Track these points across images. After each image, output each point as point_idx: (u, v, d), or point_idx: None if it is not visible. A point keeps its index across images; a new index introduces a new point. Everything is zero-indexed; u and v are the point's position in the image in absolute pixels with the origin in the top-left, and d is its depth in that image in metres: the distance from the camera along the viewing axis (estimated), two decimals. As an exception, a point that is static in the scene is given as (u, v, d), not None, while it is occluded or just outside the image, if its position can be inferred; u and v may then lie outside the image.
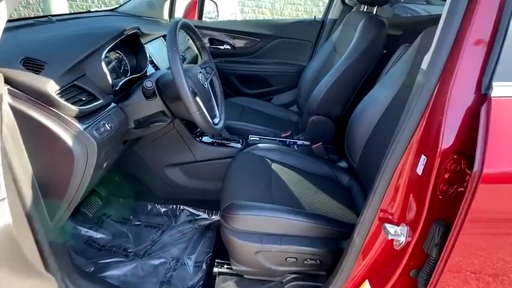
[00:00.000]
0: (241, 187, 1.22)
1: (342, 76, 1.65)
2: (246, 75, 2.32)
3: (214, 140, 1.60)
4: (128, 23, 1.45)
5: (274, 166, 1.42)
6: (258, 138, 1.66)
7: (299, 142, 1.75)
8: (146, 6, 2.04)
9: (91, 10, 1.87)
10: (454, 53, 0.71)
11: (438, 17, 0.78)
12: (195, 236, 1.54)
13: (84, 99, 0.94)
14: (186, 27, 1.16)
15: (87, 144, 0.89)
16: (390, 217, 0.88)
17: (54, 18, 1.37)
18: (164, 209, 1.66)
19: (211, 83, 1.30)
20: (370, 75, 1.71)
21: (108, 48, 1.03)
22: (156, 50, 1.50)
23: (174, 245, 1.48)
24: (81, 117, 0.91)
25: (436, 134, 0.74)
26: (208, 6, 2.67)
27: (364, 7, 2.04)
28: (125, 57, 1.28)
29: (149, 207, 1.67)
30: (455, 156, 0.72)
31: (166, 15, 2.14)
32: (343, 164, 1.60)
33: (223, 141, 1.62)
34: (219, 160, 1.60)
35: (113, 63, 1.17)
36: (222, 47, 2.29)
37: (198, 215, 1.65)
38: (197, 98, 1.09)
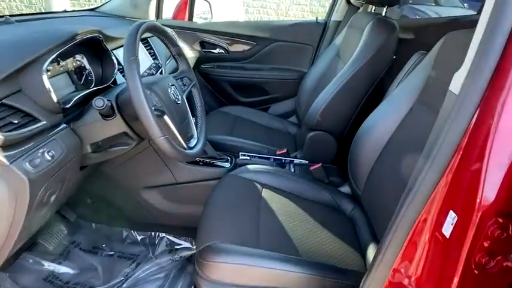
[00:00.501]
0: (223, 223, 1.02)
1: (346, 86, 1.44)
2: (240, 82, 2.11)
3: (198, 159, 1.40)
4: (102, 25, 1.26)
5: (265, 193, 1.21)
6: (248, 158, 1.46)
7: (296, 161, 1.54)
8: (130, 5, 1.85)
9: (67, 10, 1.68)
10: (502, 75, 0.50)
11: (458, 19, 0.57)
12: (174, 270, 1.34)
13: (16, 122, 0.75)
14: (155, 30, 0.96)
15: (14, 182, 0.70)
16: (406, 283, 0.67)
17: (13, 19, 1.19)
18: (141, 237, 1.46)
19: (189, 96, 1.10)
20: (378, 85, 1.50)
21: (53, 57, 0.83)
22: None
23: (150, 282, 1.28)
24: (8, 147, 0.72)
25: (472, 185, 0.53)
26: (203, 6, 2.48)
27: (372, 8, 1.83)
28: (88, 66, 1.08)
29: (124, 234, 1.47)
30: (500, 220, 0.51)
31: (152, 16, 1.94)
32: (346, 188, 1.39)
33: (209, 160, 1.42)
34: (204, 182, 1.40)
35: (65, 74, 0.97)
36: (214, 51, 2.09)
37: (179, 244, 1.45)
38: (165, 118, 0.89)
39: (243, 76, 2.10)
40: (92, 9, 1.83)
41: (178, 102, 0.98)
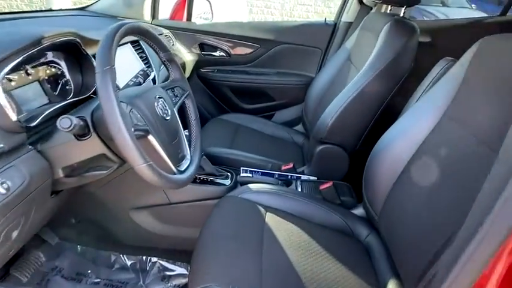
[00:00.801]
0: (221, 261, 0.87)
1: (360, 96, 1.29)
2: (242, 87, 1.96)
3: (195, 176, 1.25)
4: (88, 25, 1.12)
5: (269, 218, 1.06)
6: (250, 174, 1.31)
7: (303, 177, 1.39)
8: (122, 4, 1.71)
9: (53, 8, 1.54)
10: None
11: (481, 21, 0.41)
12: (166, 302, 1.19)
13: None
14: (139, 33, 0.81)
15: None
16: None
17: None
18: (131, 261, 1.32)
19: (181, 110, 0.95)
20: (395, 95, 1.34)
21: (12, 65, 0.68)
22: (118, 61, 1.15)
23: (138, 316, 1.14)
24: None
25: None
26: (203, 5, 2.33)
27: (386, 8, 1.68)
28: (67, 74, 0.94)
29: (113, 258, 1.32)
30: None
31: (147, 16, 1.80)
32: (359, 210, 1.24)
33: (207, 177, 1.27)
34: (201, 202, 1.25)
35: (35, 83, 0.82)
36: (215, 54, 1.94)
37: (173, 270, 1.30)
38: (150, 138, 0.75)
39: (245, 81, 1.95)
40: (81, 8, 1.69)
41: (167, 118, 0.83)
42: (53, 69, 0.91)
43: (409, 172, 0.97)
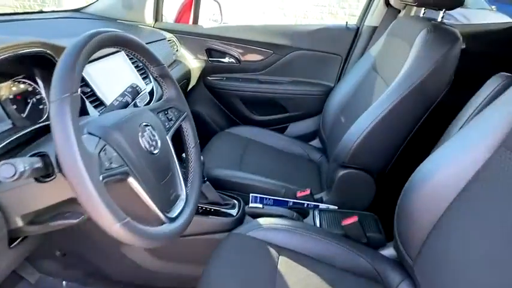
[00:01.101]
0: None
1: (390, 115, 1.10)
2: (254, 97, 1.78)
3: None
4: (80, 29, 0.96)
5: (282, 262, 0.89)
6: (260, 205, 1.13)
7: (322, 206, 1.20)
8: (122, 5, 1.55)
9: (44, 10, 1.39)
10: None
11: None
12: None
13: None
14: (118, 44, 0.63)
15: None
16: None
17: None
18: (123, 301, 1.15)
19: (176, 136, 0.77)
20: (432, 113, 1.15)
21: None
22: (107, 73, 0.98)
23: None
24: None
25: None
26: (212, 7, 2.16)
27: (417, 11, 1.48)
28: (42, 90, 0.78)
29: (102, 296, 1.16)
30: None
31: (149, 19, 1.63)
32: (389, 250, 1.05)
33: (210, 207, 1.09)
34: (203, 236, 1.08)
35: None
36: (223, 60, 1.76)
37: (171, 313, 1.13)
38: (130, 181, 0.57)
39: (256, 90, 1.77)
40: (76, 10, 1.53)
41: (155, 151, 0.66)
42: (22, 86, 0.74)
43: (458, 211, 0.79)
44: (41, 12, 1.38)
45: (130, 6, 1.55)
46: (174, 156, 0.73)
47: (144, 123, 0.65)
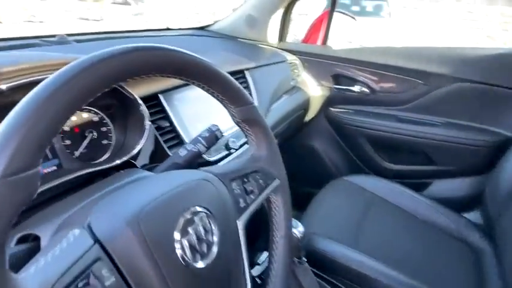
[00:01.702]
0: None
1: None
2: (388, 138, 1.38)
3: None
4: (200, 48, 0.80)
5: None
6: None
7: None
8: (245, 23, 1.39)
9: (170, 28, 1.33)
10: None
11: None
12: None
13: None
14: (172, 72, 0.36)
15: None
16: None
17: (71, 38, 0.86)
18: None
19: (263, 209, 0.48)
20: None
21: None
22: (200, 104, 0.78)
23: None
24: None
25: None
26: (348, 25, 1.85)
27: None
28: (109, 122, 0.61)
29: None
30: None
31: (273, 38, 1.43)
32: None
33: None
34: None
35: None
36: (353, 89, 1.42)
37: None
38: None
39: (392, 130, 1.36)
40: (201, 28, 1.44)
41: (203, 263, 0.36)
42: (85, 115, 0.58)
43: None
44: (167, 29, 1.32)
45: (253, 24, 1.38)
46: (245, 258, 0.44)
47: (193, 210, 0.38)
